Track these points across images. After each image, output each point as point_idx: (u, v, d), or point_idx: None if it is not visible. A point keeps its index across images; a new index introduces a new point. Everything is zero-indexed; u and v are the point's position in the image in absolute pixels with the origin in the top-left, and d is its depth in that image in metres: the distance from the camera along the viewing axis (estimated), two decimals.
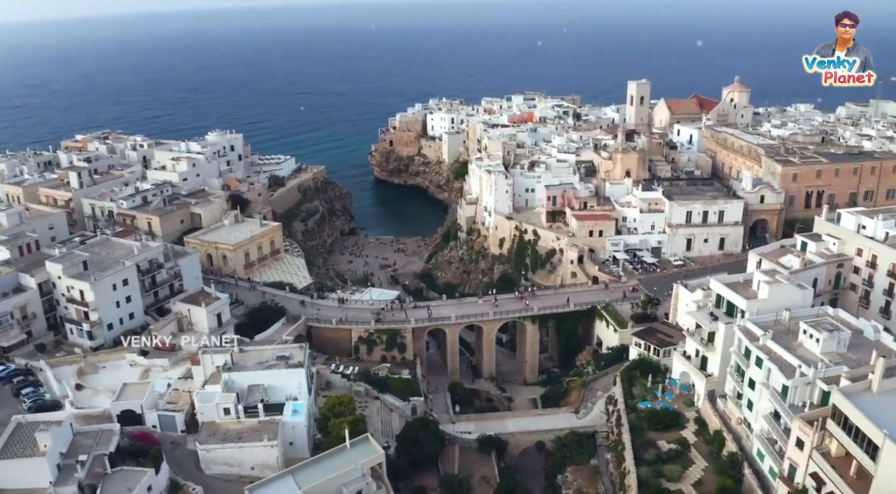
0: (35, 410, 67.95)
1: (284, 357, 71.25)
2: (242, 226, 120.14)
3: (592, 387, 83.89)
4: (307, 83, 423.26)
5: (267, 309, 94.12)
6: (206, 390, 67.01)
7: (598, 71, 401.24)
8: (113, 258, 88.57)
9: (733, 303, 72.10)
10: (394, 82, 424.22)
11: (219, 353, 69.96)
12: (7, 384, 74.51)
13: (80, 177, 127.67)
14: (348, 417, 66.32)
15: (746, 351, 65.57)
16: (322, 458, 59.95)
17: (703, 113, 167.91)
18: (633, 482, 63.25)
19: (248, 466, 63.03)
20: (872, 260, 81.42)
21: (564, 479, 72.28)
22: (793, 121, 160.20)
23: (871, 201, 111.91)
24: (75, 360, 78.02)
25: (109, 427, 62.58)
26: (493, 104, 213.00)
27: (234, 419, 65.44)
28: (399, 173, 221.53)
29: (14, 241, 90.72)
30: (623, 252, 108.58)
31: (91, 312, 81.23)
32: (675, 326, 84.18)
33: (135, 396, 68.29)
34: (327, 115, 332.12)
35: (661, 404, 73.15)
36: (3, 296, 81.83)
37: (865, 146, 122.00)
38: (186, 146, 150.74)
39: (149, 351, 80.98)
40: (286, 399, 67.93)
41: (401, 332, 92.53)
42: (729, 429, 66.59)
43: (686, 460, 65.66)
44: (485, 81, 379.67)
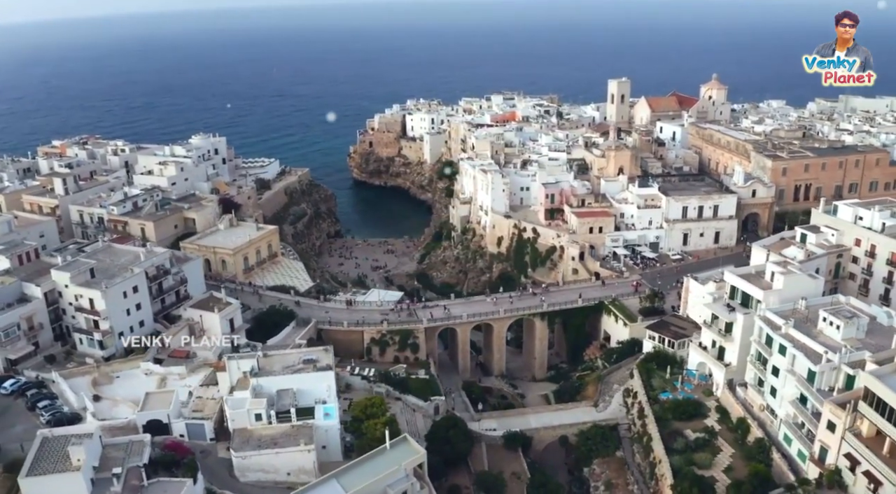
0: (54, 424, 65.91)
1: (311, 360, 70.65)
2: (238, 230, 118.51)
3: (608, 381, 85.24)
4: (274, 86, 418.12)
5: (276, 313, 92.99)
6: (235, 396, 66.01)
7: (570, 70, 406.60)
8: (119, 265, 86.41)
9: (748, 294, 74.12)
10: (362, 84, 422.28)
11: (245, 359, 68.91)
12: (19, 397, 72.13)
13: (65, 183, 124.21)
14: (382, 418, 66.19)
15: (768, 340, 67.63)
16: (363, 460, 59.72)
17: (683, 110, 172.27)
18: (666, 470, 64.63)
19: (284, 472, 62.39)
20: (871, 249, 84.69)
21: (591, 472, 73.39)
22: (769, 117, 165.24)
23: (855, 193, 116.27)
24: (88, 371, 75.93)
25: (140, 438, 61.15)
26: (473, 104, 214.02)
27: (266, 424, 64.74)
28: (379, 174, 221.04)
29: (13, 250, 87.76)
30: (622, 247, 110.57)
31: (102, 321, 79.06)
32: (686, 319, 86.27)
33: (160, 405, 66.90)
34: (299, 118, 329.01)
35: (682, 394, 74.87)
36: (8, 307, 79.08)
37: (847, 140, 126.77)
38: (171, 150, 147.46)
39: (163, 359, 79.57)
40: (315, 402, 67.33)
41: (413, 332, 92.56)
42: (753, 416, 68.55)
43: (714, 448, 67.39)
44: (454, 82, 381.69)
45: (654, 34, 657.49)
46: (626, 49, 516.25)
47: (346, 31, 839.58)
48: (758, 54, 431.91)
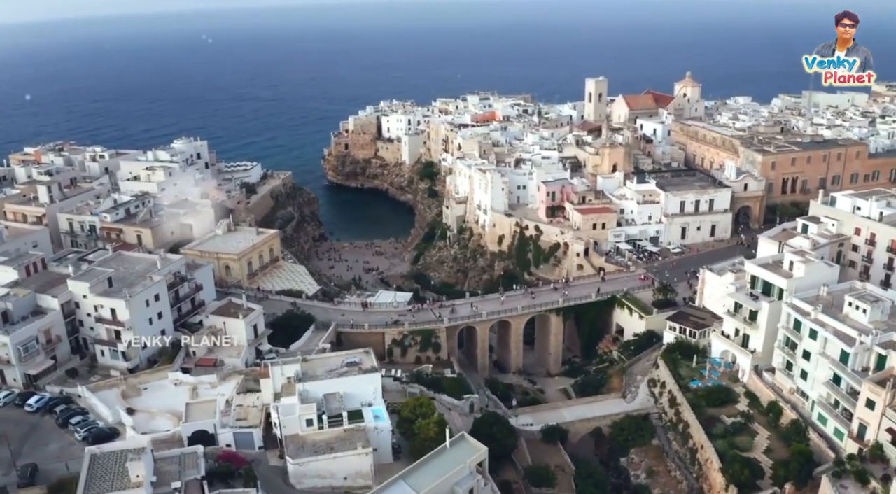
0: (92, 440, 63.79)
1: (355, 363, 70.30)
2: (237, 234, 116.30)
3: (631, 372, 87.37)
4: (232, 89, 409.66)
5: (295, 318, 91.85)
6: (283, 402, 65.07)
7: (539, 71, 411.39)
8: (134, 273, 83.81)
9: (769, 283, 77.25)
10: (322, 87, 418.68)
11: (289, 364, 67.98)
12: (47, 414, 69.38)
13: (50, 191, 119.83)
14: (433, 418, 66.33)
15: (796, 325, 70.81)
16: (427, 460, 59.58)
17: (660, 108, 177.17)
18: (711, 455, 66.94)
19: (341, 476, 61.86)
20: (871, 237, 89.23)
21: (630, 461, 75.24)
22: (743, 114, 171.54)
23: (837, 185, 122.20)
24: (115, 384, 73.47)
25: (192, 450, 59.70)
26: (449, 104, 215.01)
27: (316, 429, 64.07)
28: (355, 176, 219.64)
29: (20, 261, 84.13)
30: (625, 242, 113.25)
31: (125, 331, 76.55)
32: (702, 309, 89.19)
33: (203, 415, 65.43)
34: (263, 122, 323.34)
35: (711, 382, 77.46)
36: (23, 320, 75.81)
37: (826, 134, 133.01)
38: (154, 155, 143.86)
39: (190, 368, 77.65)
40: (361, 405, 67.15)
41: (435, 332, 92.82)
42: (784, 399, 71.54)
43: (750, 431, 70.17)
44: (417, 83, 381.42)
45: (618, 33, 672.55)
46: (590, 49, 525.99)
47: (301, 32, 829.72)
48: (719, 52, 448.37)
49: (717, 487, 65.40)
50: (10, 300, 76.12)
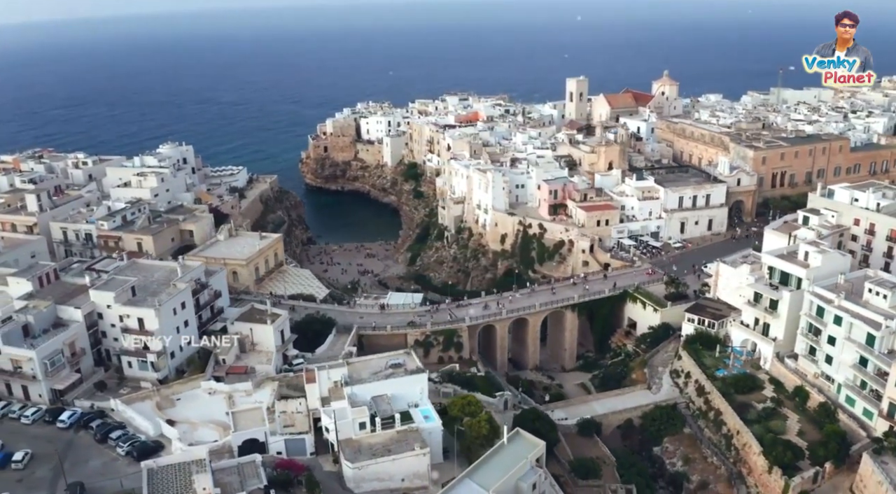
0: (137, 455, 62.14)
1: (399, 364, 70.32)
2: (239, 240, 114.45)
3: (652, 364, 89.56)
4: (193, 93, 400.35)
5: (316, 322, 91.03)
6: (333, 406, 64.60)
7: (508, 71, 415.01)
8: (154, 281, 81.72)
9: (787, 273, 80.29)
10: (286, 90, 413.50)
11: (335, 368, 67.47)
12: (81, 430, 67.08)
13: (39, 199, 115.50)
14: (483, 415, 66.86)
15: (819, 312, 73.87)
16: (488, 458, 60.11)
17: (639, 106, 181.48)
18: (749, 439, 69.46)
19: (399, 478, 62.00)
20: (870, 227, 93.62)
21: (664, 449, 77.25)
22: (720, 111, 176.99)
23: (822, 178, 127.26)
24: (148, 395, 71.68)
25: (250, 460, 59.16)
26: (428, 105, 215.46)
27: (369, 432, 63.89)
28: (335, 179, 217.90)
29: (33, 272, 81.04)
30: (627, 238, 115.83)
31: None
32: (717, 301, 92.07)
33: (250, 424, 64.43)
34: (230, 126, 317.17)
35: (736, 370, 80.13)
36: (45, 333, 73.10)
37: (807, 130, 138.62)
38: (141, 160, 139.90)
39: (221, 376, 76.22)
40: (408, 406, 67.24)
41: (457, 332, 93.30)
42: (809, 384, 74.58)
43: (780, 415, 72.93)
44: (370, 86, 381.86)
45: (580, 33, 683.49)
46: (555, 49, 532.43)
47: (258, 35, 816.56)
48: (685, 52, 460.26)
49: (758, 470, 67.84)
50: (30, 312, 73.39)
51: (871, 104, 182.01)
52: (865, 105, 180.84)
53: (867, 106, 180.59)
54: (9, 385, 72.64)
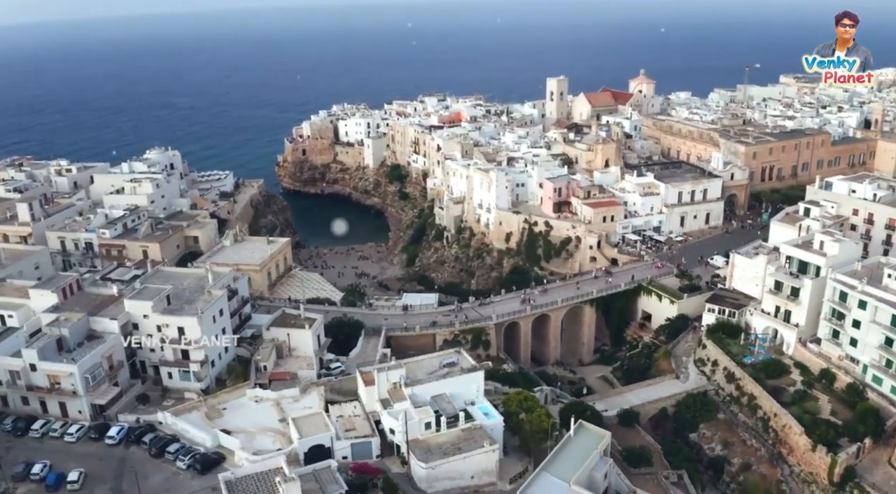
0: (201, 467, 60.78)
1: (453, 363, 70.77)
2: (245, 245, 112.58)
3: (675, 354, 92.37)
4: (149, 98, 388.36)
5: (345, 325, 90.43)
6: (396, 408, 64.66)
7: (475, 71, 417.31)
8: (186, 288, 79.66)
9: (806, 262, 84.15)
10: (244, 93, 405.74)
11: (393, 370, 67.41)
12: (132, 445, 65.02)
13: (32, 208, 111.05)
14: (541, 410, 67.96)
15: (842, 297, 77.76)
16: (559, 451, 61.40)
17: (618, 104, 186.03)
18: (789, 421, 72.80)
19: (469, 476, 62.78)
20: (869, 217, 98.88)
21: (701, 435, 79.95)
22: (695, 108, 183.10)
23: (806, 171, 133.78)
24: (195, 406, 70.07)
25: (325, 466, 58.69)
26: (406, 106, 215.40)
27: (434, 432, 64.22)
28: (314, 182, 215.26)
29: (56, 283, 77.91)
30: (632, 233, 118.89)
31: (195, 350, 72.70)
32: (733, 291, 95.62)
33: (312, 430, 63.68)
34: (192, 130, 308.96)
35: (762, 356, 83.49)
36: (79, 346, 70.46)
37: (788, 125, 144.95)
38: (129, 166, 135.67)
39: (263, 383, 74.99)
40: (465, 404, 67.82)
41: (485, 330, 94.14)
42: (835, 366, 78.39)
43: (811, 397, 76.48)
44: (322, 88, 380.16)
45: (534, 33, 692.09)
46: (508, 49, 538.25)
47: (213, 39, 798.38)
48: (649, 51, 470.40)
49: (800, 449, 71.08)
50: (64, 325, 70.58)
51: (835, 99, 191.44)
52: (830, 99, 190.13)
53: (832, 101, 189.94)
54: (44, 402, 69.79)
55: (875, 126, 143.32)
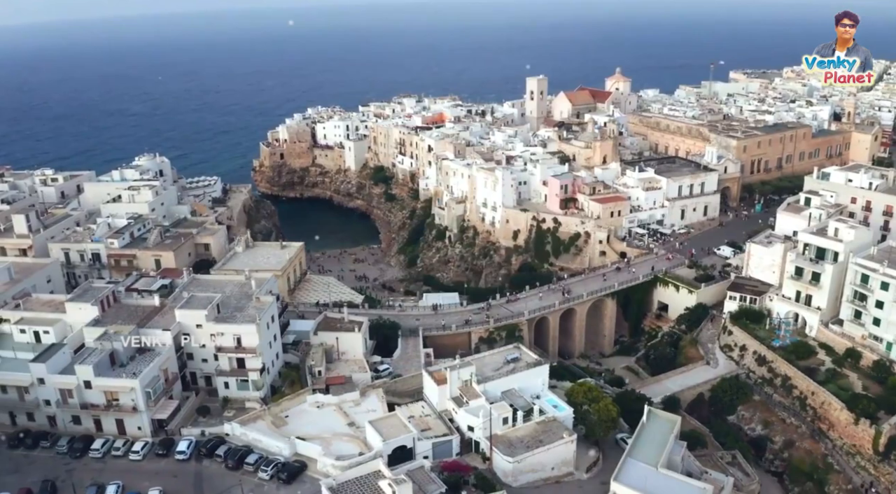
0: (287, 477, 60.01)
1: (516, 358, 71.79)
2: (258, 250, 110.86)
3: (701, 341, 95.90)
4: (101, 105, 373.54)
5: (382, 326, 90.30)
6: (472, 405, 65.32)
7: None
8: (231, 296, 77.93)
9: (823, 248, 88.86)
10: (202, 98, 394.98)
11: (464, 368, 67.93)
12: (205, 458, 63.31)
13: (29, 219, 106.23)
14: (606, 399, 69.79)
15: (864, 279, 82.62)
16: (638, 437, 63.23)
17: (597, 102, 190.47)
18: (828, 398, 77.13)
19: (549, 467, 64.11)
20: (867, 204, 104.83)
21: (740, 417, 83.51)
22: (670, 104, 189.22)
23: (790, 163, 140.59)
24: (259, 415, 68.84)
25: (418, 465, 58.91)
26: (385, 108, 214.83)
27: (510, 427, 65.20)
28: (293, 186, 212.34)
29: (94, 295, 75.01)
30: (638, 227, 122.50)
31: (251, 359, 71.29)
32: (749, 278, 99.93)
33: (392, 432, 63.49)
34: (151, 138, 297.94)
35: (789, 339, 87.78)
36: (131, 360, 68.16)
37: (768, 120, 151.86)
38: (120, 174, 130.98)
39: (320, 388, 74.28)
40: (531, 397, 69.02)
41: (518, 326, 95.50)
42: (860, 345, 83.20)
43: (841, 374, 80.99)
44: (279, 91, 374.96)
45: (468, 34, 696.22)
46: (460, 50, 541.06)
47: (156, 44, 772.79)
48: (612, 50, 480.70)
49: (842, 424, 75.32)
50: (115, 339, 68.05)
51: (797, 93, 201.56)
52: (793, 94, 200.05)
53: (794, 94, 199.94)
54: (98, 420, 67.29)
55: (848, 118, 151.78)
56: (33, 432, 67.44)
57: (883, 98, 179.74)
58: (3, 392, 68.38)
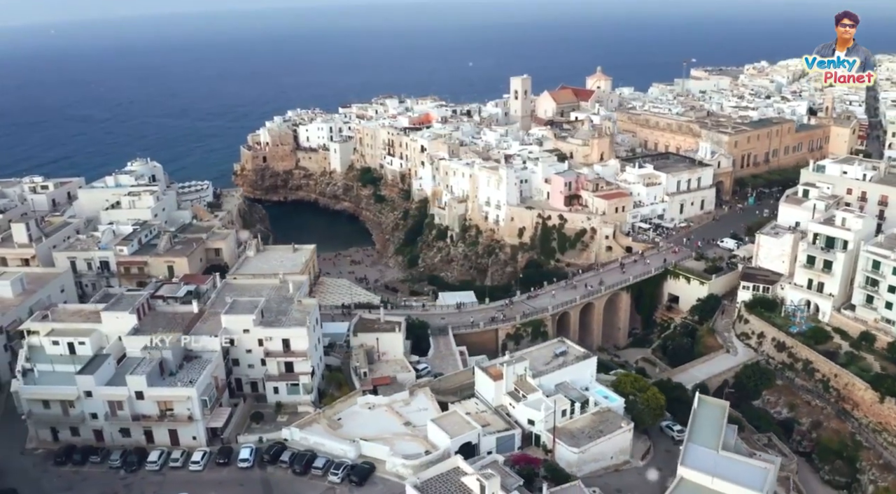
0: (359, 479, 59.99)
1: (564, 352, 73.12)
2: (270, 254, 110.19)
3: (717, 330, 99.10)
4: (61, 111, 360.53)
5: (415, 326, 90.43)
6: (531, 399, 66.30)
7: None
8: (272, 300, 76.98)
9: (833, 237, 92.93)
10: (160, 103, 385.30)
11: (518, 363, 68.86)
12: (270, 465, 62.48)
13: (29, 228, 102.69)
14: (653, 389, 71.78)
15: (875, 265, 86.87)
16: (693, 423, 65.14)
17: (580, 101, 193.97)
18: (851, 379, 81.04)
19: (609, 456, 65.61)
20: (862, 195, 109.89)
21: (766, 401, 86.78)
22: (650, 101, 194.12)
23: (776, 157, 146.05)
24: (314, 419, 68.35)
25: (491, 460, 59.76)
26: (367, 109, 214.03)
27: (568, 419, 66.49)
28: (276, 189, 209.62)
29: (130, 303, 73.11)
30: (641, 222, 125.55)
31: (300, 363, 70.65)
32: (759, 268, 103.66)
33: (460, 429, 63.95)
34: (118, 144, 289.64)
35: (805, 325, 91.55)
36: (180, 369, 66.78)
37: (752, 116, 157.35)
38: (115, 180, 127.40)
39: (367, 390, 74.09)
40: (580, 389, 70.52)
41: (543, 322, 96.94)
42: (873, 328, 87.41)
43: (858, 357, 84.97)
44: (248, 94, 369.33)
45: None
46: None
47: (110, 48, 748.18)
48: (589, 49, 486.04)
49: (866, 403, 79.24)
50: (164, 347, 66.55)
51: (769, 89, 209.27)
52: (765, 90, 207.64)
53: (765, 91, 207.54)
54: (149, 432, 65.65)
55: (826, 113, 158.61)
56: (80, 447, 65.41)
57: (850, 92, 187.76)
58: (45, 407, 66.18)
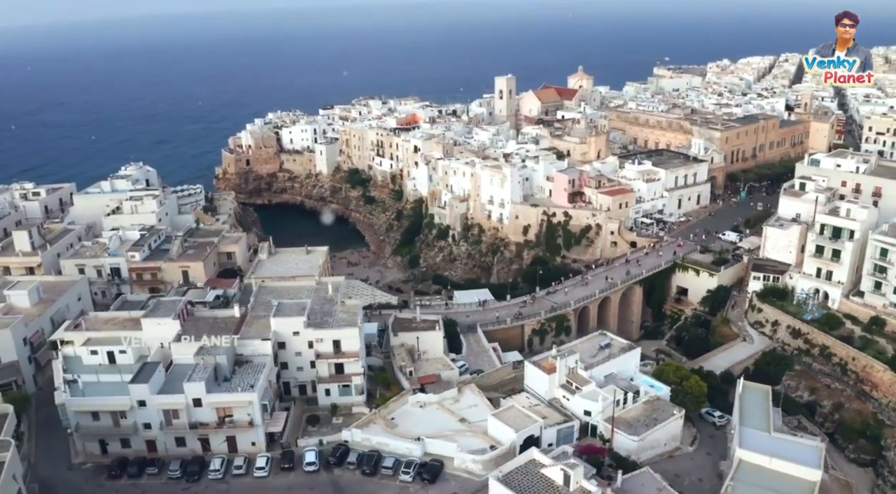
0: (431, 477, 60.34)
1: (608, 344, 74.77)
2: (282, 257, 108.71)
3: (730, 320, 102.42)
4: (16, 118, 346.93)
5: (445, 324, 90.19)
6: (586, 391, 67.64)
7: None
8: (313, 301, 76.41)
9: (839, 227, 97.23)
10: (126, 107, 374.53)
11: (570, 356, 70.12)
12: (336, 468, 62.24)
13: (31, 236, 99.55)
14: (694, 377, 73.99)
15: (883, 253, 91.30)
16: (741, 407, 67.64)
17: (564, 100, 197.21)
18: (870, 362, 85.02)
19: (663, 443, 67.46)
20: (856, 187, 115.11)
21: (787, 386, 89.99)
22: (631, 99, 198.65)
23: (763, 152, 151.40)
24: (371, 419, 68.23)
25: (560, 451, 61.08)
26: (350, 110, 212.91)
27: (620, 408, 68.08)
28: (260, 193, 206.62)
29: (171, 309, 71.69)
30: (643, 217, 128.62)
31: (350, 364, 70.40)
32: (765, 259, 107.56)
33: (522, 422, 64.95)
34: (84, 149, 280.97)
35: (818, 312, 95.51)
36: (233, 374, 65.78)
37: (736, 112, 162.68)
38: (110, 185, 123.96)
39: (416, 388, 74.35)
40: (627, 380, 72.37)
41: (566, 316, 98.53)
42: (883, 313, 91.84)
43: (872, 340, 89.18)
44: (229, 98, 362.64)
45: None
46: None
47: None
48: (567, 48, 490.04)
49: (885, 384, 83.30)
50: (218, 352, 65.43)
51: (741, 86, 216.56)
52: (737, 88, 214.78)
53: (738, 88, 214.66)
54: (205, 440, 64.38)
55: (804, 109, 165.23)
56: (133, 459, 63.70)
57: (820, 89, 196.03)
58: (94, 418, 64.18)
